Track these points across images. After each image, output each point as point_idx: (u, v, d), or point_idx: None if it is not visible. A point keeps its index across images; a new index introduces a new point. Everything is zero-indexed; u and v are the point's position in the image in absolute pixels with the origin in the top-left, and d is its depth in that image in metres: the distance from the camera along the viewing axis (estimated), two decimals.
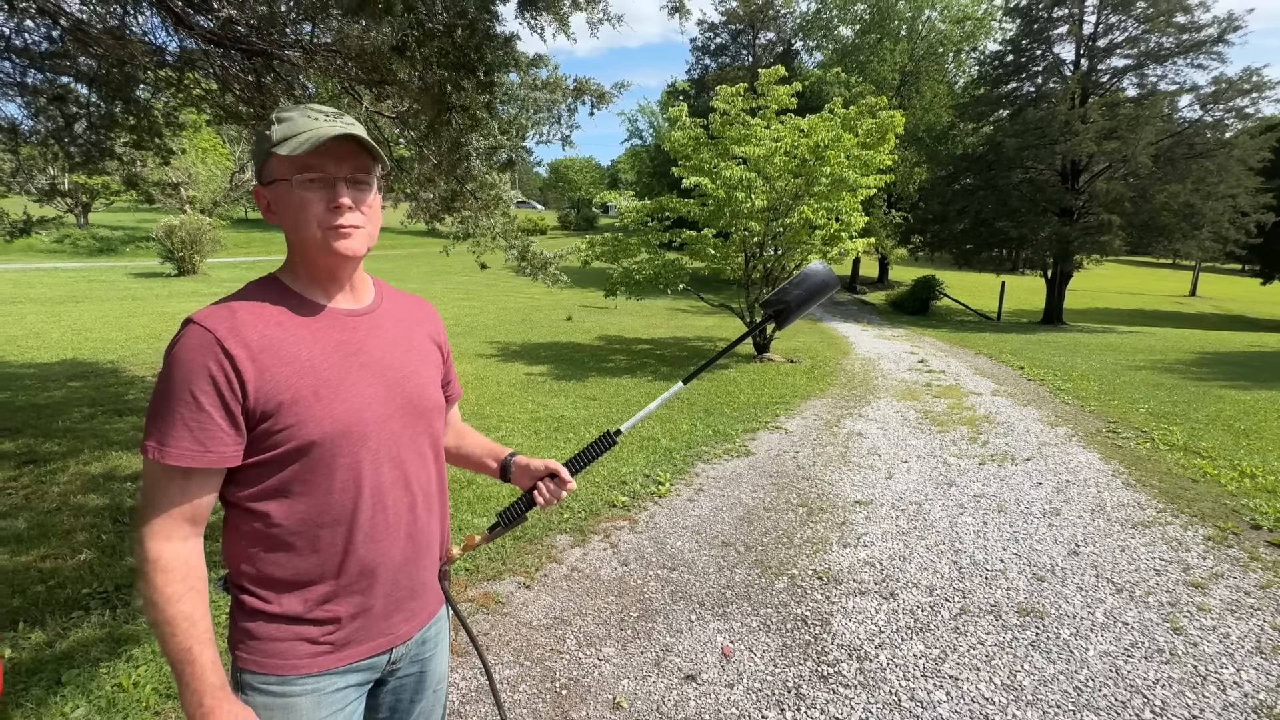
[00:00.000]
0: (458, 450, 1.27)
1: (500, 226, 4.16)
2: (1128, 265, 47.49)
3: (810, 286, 1.31)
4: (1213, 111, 18.30)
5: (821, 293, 1.32)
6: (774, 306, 1.33)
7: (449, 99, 2.38)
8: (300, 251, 0.95)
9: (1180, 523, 3.67)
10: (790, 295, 1.31)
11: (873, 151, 8.99)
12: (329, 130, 0.90)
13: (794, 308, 1.31)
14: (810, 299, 1.32)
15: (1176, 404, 7.01)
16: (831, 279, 1.34)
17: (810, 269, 1.34)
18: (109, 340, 10.27)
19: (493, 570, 2.99)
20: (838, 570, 3.05)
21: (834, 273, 1.36)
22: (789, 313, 1.31)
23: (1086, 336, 14.98)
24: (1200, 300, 31.70)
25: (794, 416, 6.29)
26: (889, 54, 24.78)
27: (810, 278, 1.32)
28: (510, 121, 3.74)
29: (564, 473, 1.16)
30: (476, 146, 2.95)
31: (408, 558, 1.01)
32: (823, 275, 1.32)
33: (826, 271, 1.34)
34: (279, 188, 0.92)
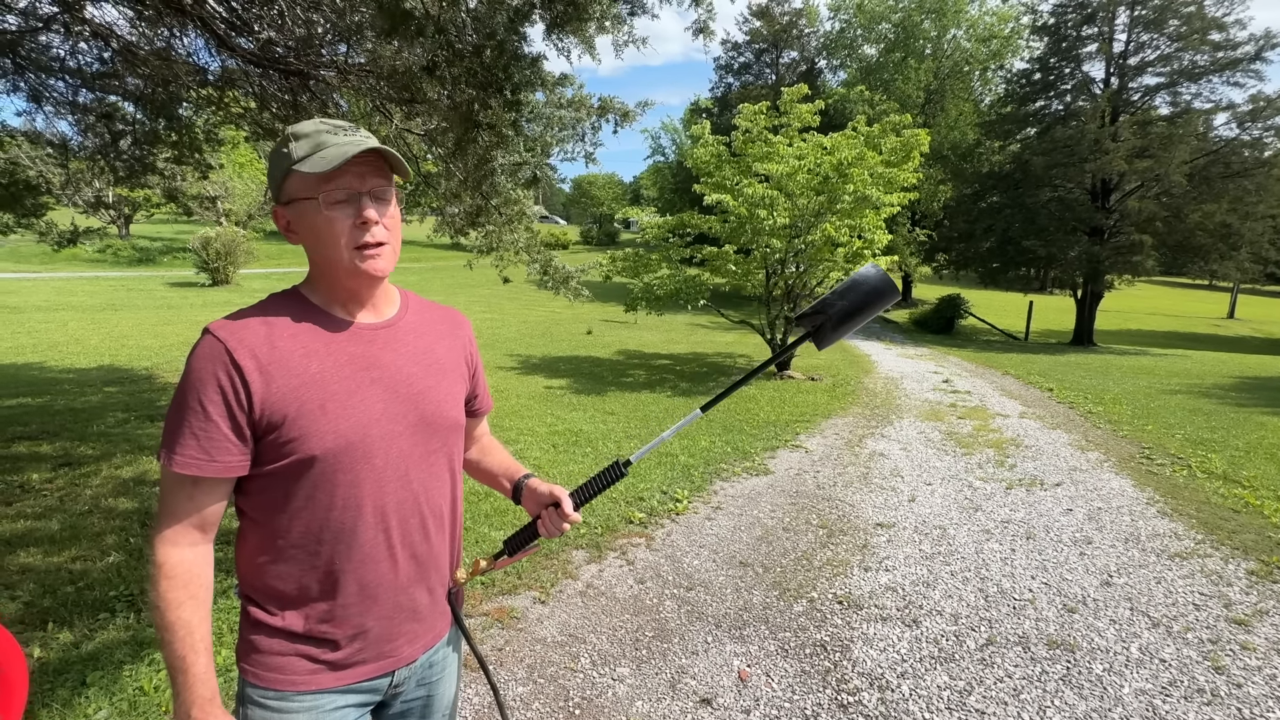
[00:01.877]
0: (478, 465, 1.27)
1: (524, 241, 4.21)
2: (1161, 286, 46.25)
3: (859, 297, 1.08)
4: (1250, 130, 17.85)
5: (874, 304, 1.09)
6: (811, 321, 1.10)
7: (476, 117, 2.44)
8: (325, 271, 0.95)
9: (1221, 555, 3.52)
10: (833, 308, 1.08)
11: (897, 169, 8.94)
12: (353, 146, 0.90)
13: (836, 322, 1.09)
14: (859, 312, 1.09)
15: (1215, 430, 6.76)
16: (887, 286, 1.09)
17: (861, 273, 1.10)
18: (144, 347, 10.59)
19: (508, 584, 2.98)
20: (859, 595, 2.98)
21: (890, 279, 1.11)
22: (829, 329, 1.10)
23: (1118, 359, 14.57)
24: (1239, 323, 30.66)
25: (814, 435, 6.21)
26: (914, 72, 24.74)
27: (860, 285, 1.08)
28: (536, 139, 3.80)
29: (567, 504, 1.10)
30: (502, 163, 3.00)
31: (411, 579, 1.00)
32: (875, 282, 1.08)
33: (880, 277, 1.09)
34: (303, 207, 0.92)
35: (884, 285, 1.09)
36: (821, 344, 1.14)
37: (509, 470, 1.24)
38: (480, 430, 1.28)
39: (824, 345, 1.14)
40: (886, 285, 1.10)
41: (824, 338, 1.12)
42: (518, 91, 2.55)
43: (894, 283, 1.12)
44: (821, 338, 1.12)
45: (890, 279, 1.12)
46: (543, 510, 1.13)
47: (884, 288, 1.09)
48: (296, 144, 0.92)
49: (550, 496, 1.12)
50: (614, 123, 4.93)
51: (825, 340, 1.13)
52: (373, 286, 0.99)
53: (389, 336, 1.01)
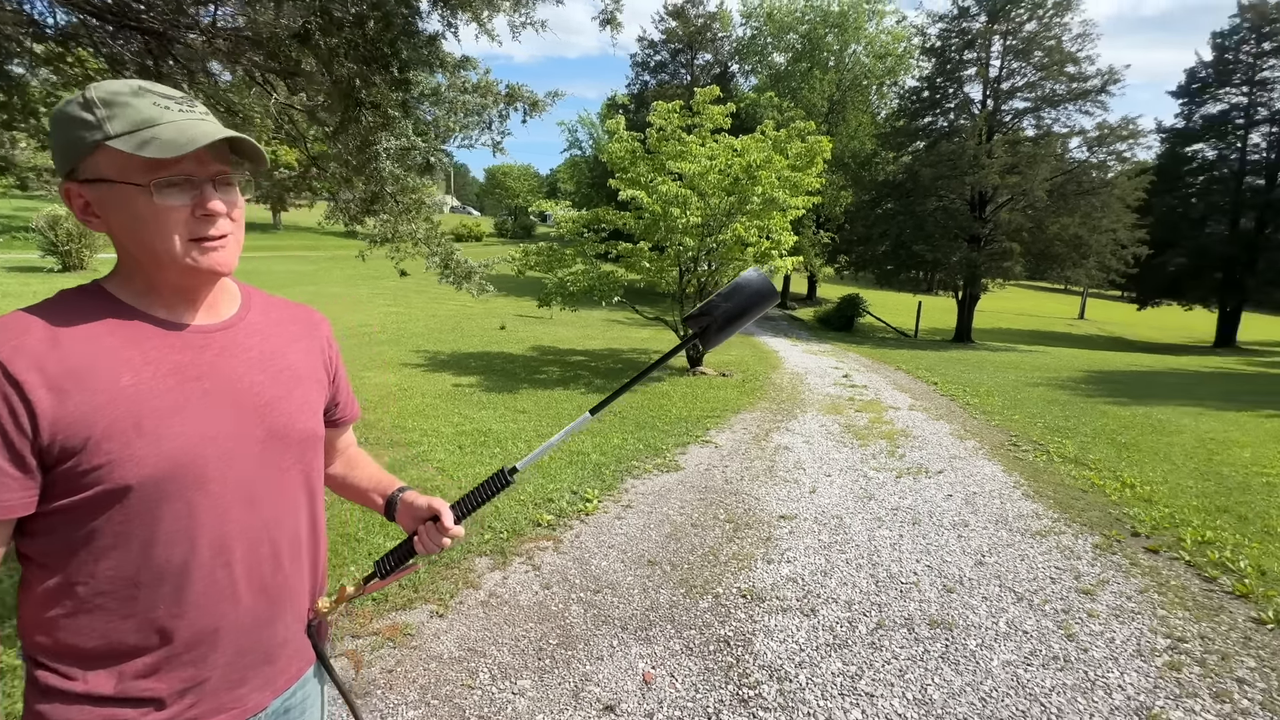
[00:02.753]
0: (344, 481, 1.14)
1: (423, 232, 3.96)
2: (1026, 289, 51.82)
3: (743, 299, 1.10)
4: (1097, 154, 20.36)
5: (757, 306, 1.11)
6: (698, 323, 1.11)
7: (358, 94, 2.23)
8: (146, 265, 0.80)
9: (1072, 531, 3.94)
10: (718, 310, 1.10)
11: (801, 174, 9.34)
12: (199, 130, 0.76)
13: (722, 324, 1.10)
14: (743, 314, 1.11)
15: (1068, 419, 7.62)
16: (768, 289, 1.12)
17: (744, 278, 1.12)
18: None
19: (402, 599, 2.79)
20: (761, 587, 3.06)
21: (771, 282, 1.14)
22: (715, 330, 1.10)
23: (991, 354, 16.14)
24: (1087, 323, 34.99)
25: (724, 430, 6.36)
26: (819, 82, 26.03)
27: (743, 289, 1.11)
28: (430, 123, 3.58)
29: (447, 517, 0.99)
30: (386, 147, 2.77)
31: (260, 618, 0.87)
32: (758, 285, 1.11)
33: (762, 281, 1.12)
34: (119, 191, 0.76)
35: (765, 289, 1.12)
36: (707, 345, 1.17)
37: (380, 484, 1.12)
38: (344, 441, 1.14)
39: (709, 346, 1.19)
40: (767, 288, 1.12)
41: (709, 339, 1.13)
42: (406, 69, 2.37)
43: (774, 286, 1.15)
44: (707, 339, 1.13)
45: (771, 282, 1.15)
46: (420, 525, 1.03)
47: (765, 291, 1.12)
48: (106, 111, 0.76)
49: (429, 510, 1.02)
50: (523, 112, 4.77)
51: (711, 341, 1.15)
52: (211, 284, 0.85)
53: (227, 340, 0.87)
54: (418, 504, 1.04)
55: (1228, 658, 2.59)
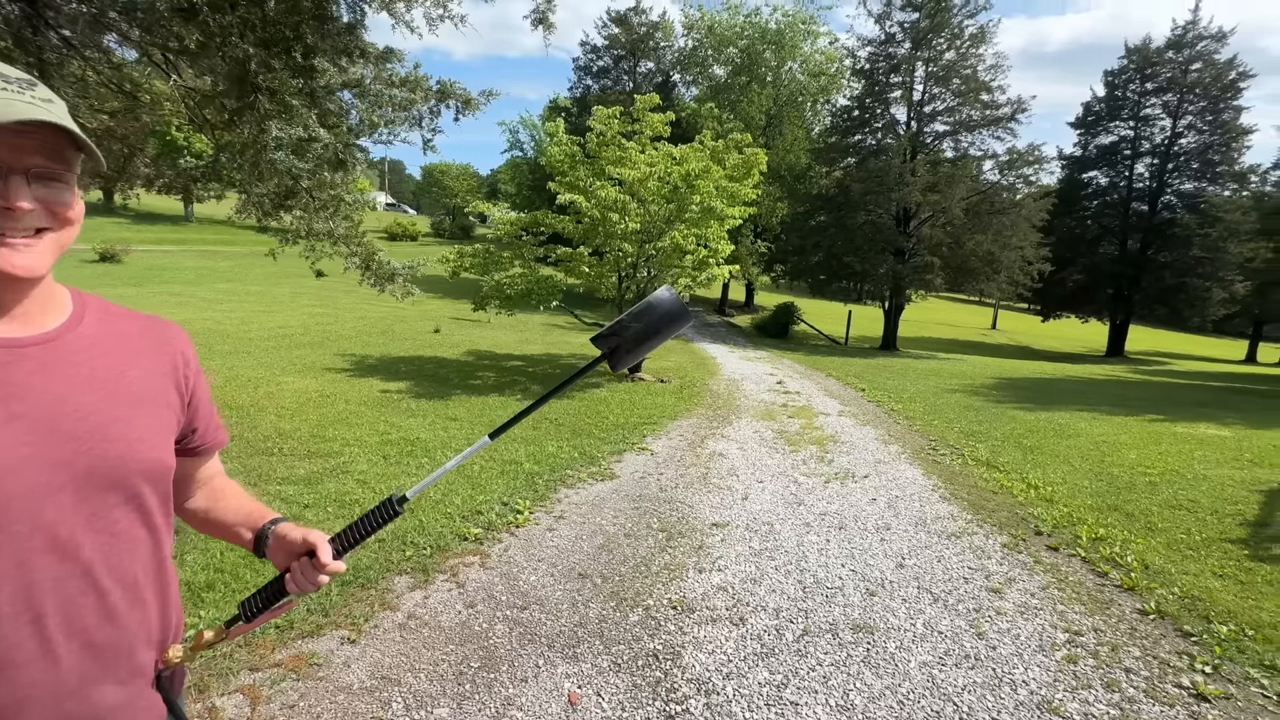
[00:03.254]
0: (206, 516, 1.01)
1: (342, 230, 3.73)
2: (946, 300, 55.19)
3: (654, 320, 1.06)
4: (1007, 176, 21.98)
5: (668, 328, 1.07)
6: (607, 343, 1.07)
7: (253, 79, 2.05)
8: None
9: (984, 532, 4.17)
10: (628, 330, 1.06)
11: (739, 184, 9.54)
12: (20, 110, 0.65)
13: (631, 345, 1.06)
14: (653, 335, 1.07)
15: (981, 423, 8.12)
16: (679, 311, 1.08)
17: (656, 297, 1.08)
18: None
19: (310, 625, 2.59)
20: (692, 597, 3.04)
21: (682, 304, 1.10)
22: (624, 351, 1.06)
23: (915, 362, 17.04)
24: (999, 333, 37.62)
25: (660, 437, 6.36)
26: (757, 96, 26.80)
27: (654, 309, 1.07)
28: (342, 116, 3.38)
29: (324, 552, 0.89)
30: (278, 136, 2.56)
31: (87, 678, 0.75)
32: (669, 306, 1.07)
33: (673, 302, 1.08)
34: None
35: (676, 310, 1.09)
36: (616, 366, 1.11)
37: (250, 517, 1.00)
38: (206, 472, 1.02)
39: (618, 367, 1.12)
40: (679, 310, 1.09)
41: (619, 359, 1.10)
42: (311, 55, 2.20)
43: (685, 307, 1.13)
44: (616, 360, 1.10)
45: (682, 304, 1.12)
46: (294, 561, 0.92)
47: (676, 312, 1.09)
48: None
49: (304, 544, 0.91)
50: (455, 109, 4.61)
51: (620, 362, 1.10)
52: (11, 289, 0.72)
53: (46, 355, 0.74)
54: (292, 538, 0.93)
55: (1117, 649, 2.79)
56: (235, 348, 10.15)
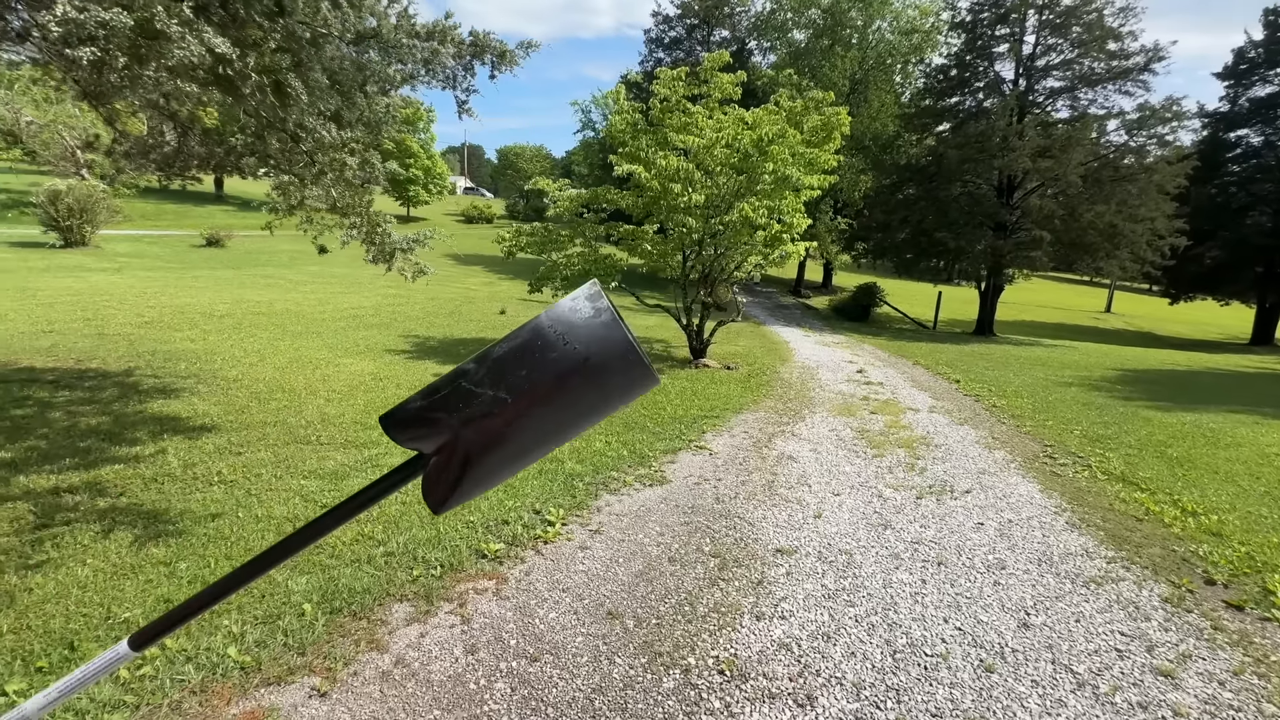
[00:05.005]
0: None
1: (341, 199, 3.29)
2: (1050, 280, 50.18)
3: (540, 382, 0.49)
4: (1136, 137, 19.10)
5: (579, 395, 0.50)
6: (418, 435, 0.52)
7: None
8: None
9: (1133, 577, 3.24)
10: (471, 404, 0.50)
11: (818, 150, 8.53)
12: None
13: (474, 449, 0.51)
14: (537, 424, 0.50)
15: (1108, 425, 6.85)
16: (616, 347, 0.50)
17: (549, 323, 0.51)
18: None
19: (281, 667, 2.18)
20: (746, 658, 2.41)
21: (623, 338, 0.51)
22: (456, 469, 0.51)
23: (1016, 349, 15.23)
24: (1114, 317, 33.63)
25: (722, 434, 5.69)
26: (840, 60, 24.82)
27: (537, 354, 0.50)
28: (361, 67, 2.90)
29: None
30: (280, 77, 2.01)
31: None
32: (582, 344, 0.49)
33: (594, 330, 0.50)
34: None
35: (610, 348, 0.48)
36: (437, 501, 0.54)
37: None
38: None
39: (442, 504, 0.54)
40: (619, 345, 0.49)
41: (443, 486, 0.52)
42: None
43: (638, 353, 0.50)
44: (437, 485, 0.52)
45: (626, 340, 0.50)
46: None
47: (603, 357, 0.48)
48: None
49: None
50: (491, 64, 4.08)
51: (448, 495, 0.53)
52: None
53: None
54: None
55: None
56: (307, 328, 10.35)
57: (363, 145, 3.16)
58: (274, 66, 1.95)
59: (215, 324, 9.74)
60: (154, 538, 3.03)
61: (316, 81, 2.71)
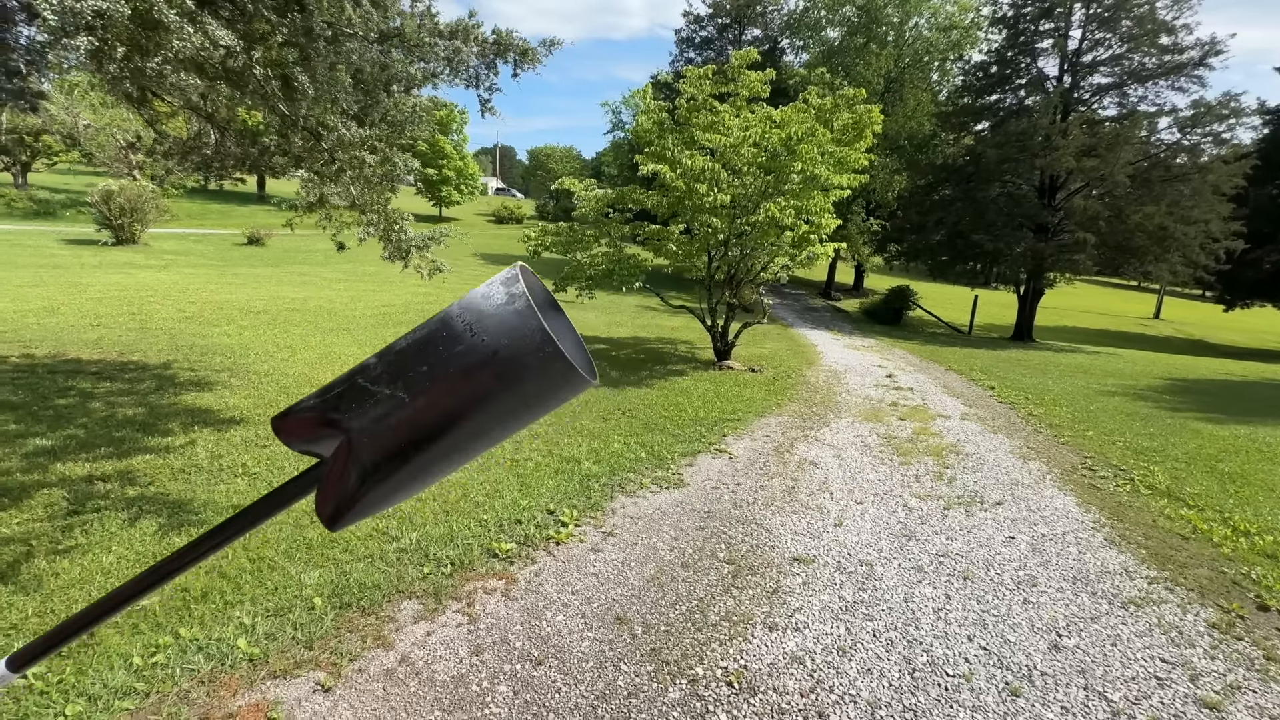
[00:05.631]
0: None
1: (359, 197, 3.31)
2: (1094, 285, 48.32)
3: (447, 379, 0.44)
4: (1190, 135, 18.21)
5: (498, 397, 0.44)
6: (313, 438, 0.47)
7: None
8: None
9: (1177, 599, 3.05)
10: (371, 407, 0.45)
11: (848, 149, 8.34)
12: None
13: (378, 455, 0.45)
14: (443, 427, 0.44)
15: (1154, 438, 6.51)
16: (536, 340, 0.43)
17: (460, 313, 0.46)
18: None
19: (289, 659, 2.19)
20: (756, 670, 2.33)
21: (539, 328, 0.43)
22: (358, 479, 0.46)
23: (1056, 356, 14.67)
24: (1163, 323, 32.17)
25: (743, 437, 5.59)
26: (875, 58, 24.29)
27: (444, 344, 0.44)
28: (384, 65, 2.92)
29: None
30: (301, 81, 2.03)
31: None
32: (504, 334, 0.43)
33: (518, 318, 0.43)
34: None
35: (531, 339, 0.42)
36: (330, 518, 0.46)
37: None
38: None
39: (337, 520, 0.47)
40: (538, 340, 0.42)
41: (340, 497, 0.46)
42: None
43: (556, 346, 0.42)
44: (330, 496, 0.46)
45: (549, 342, 0.42)
46: None
47: (529, 349, 0.41)
48: None
49: None
50: (514, 63, 4.08)
51: (344, 510, 0.46)
52: None
53: None
54: None
55: None
56: (338, 325, 10.58)
57: (385, 143, 3.19)
58: (281, 60, 1.98)
59: (251, 319, 10.03)
60: (177, 527, 3.10)
61: (336, 79, 2.73)
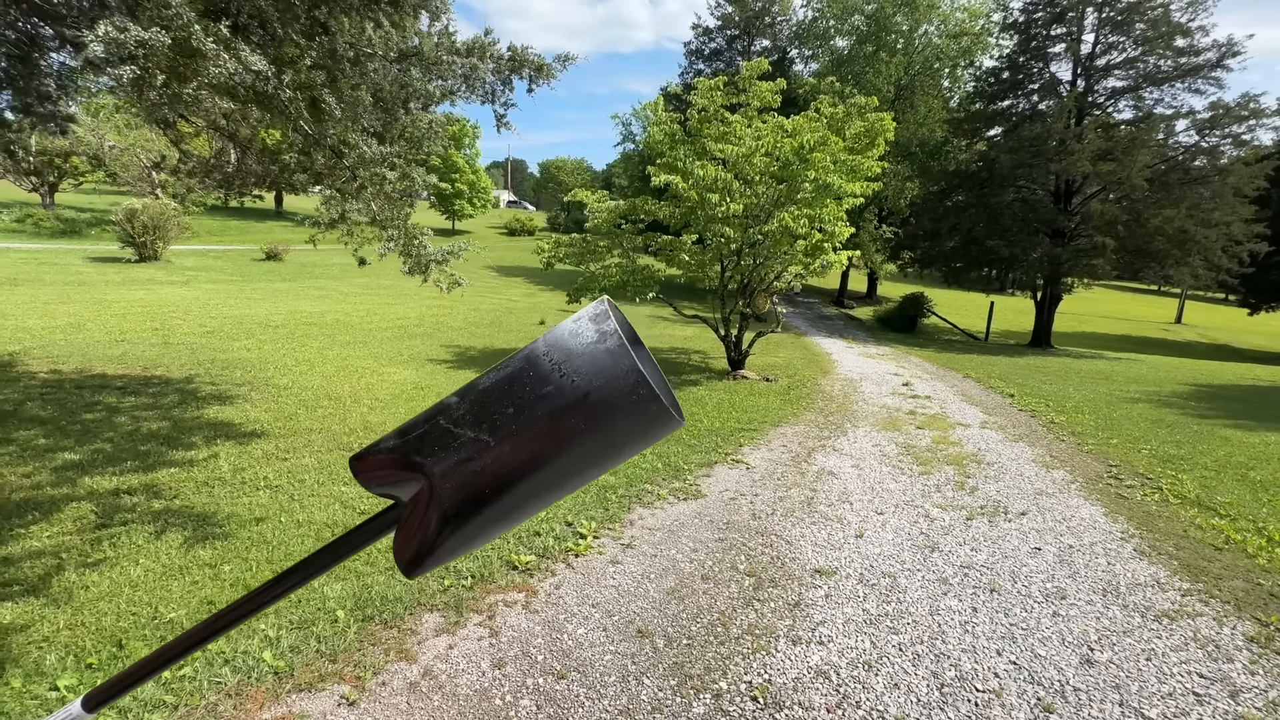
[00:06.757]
0: None
1: (379, 212, 3.37)
2: (1113, 289, 47.61)
3: (528, 422, 0.43)
4: (1209, 137, 17.96)
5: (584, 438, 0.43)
6: (393, 482, 0.47)
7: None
8: None
9: (1212, 613, 2.97)
10: (450, 453, 0.45)
11: (860, 157, 8.33)
12: None
13: (458, 501, 0.44)
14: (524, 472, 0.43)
15: (1180, 445, 6.37)
16: (630, 380, 0.41)
17: (545, 351, 0.44)
18: (24, 329, 9.33)
19: (313, 672, 2.20)
20: (780, 684, 2.30)
21: (634, 371, 0.42)
22: (435, 525, 0.45)
23: (1076, 362, 14.45)
24: (1186, 328, 31.56)
25: (760, 448, 5.56)
26: (885, 66, 24.32)
27: (529, 386, 0.43)
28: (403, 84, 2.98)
29: None
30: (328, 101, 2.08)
31: None
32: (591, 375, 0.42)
33: (610, 358, 0.42)
34: None
35: (624, 380, 0.40)
36: (410, 565, 0.46)
37: None
38: None
39: (415, 567, 0.46)
40: (633, 379, 0.40)
41: (417, 546, 0.45)
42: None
43: (651, 389, 0.41)
44: (409, 544, 0.46)
45: (644, 383, 0.40)
46: None
47: (620, 391, 0.40)
48: None
49: None
50: (529, 78, 4.14)
51: (422, 557, 0.46)
52: None
53: None
54: None
55: None
56: (355, 338, 10.71)
57: (404, 160, 3.25)
58: (310, 83, 2.03)
59: (270, 334, 10.19)
60: (202, 540, 3.14)
61: (358, 98, 2.79)
